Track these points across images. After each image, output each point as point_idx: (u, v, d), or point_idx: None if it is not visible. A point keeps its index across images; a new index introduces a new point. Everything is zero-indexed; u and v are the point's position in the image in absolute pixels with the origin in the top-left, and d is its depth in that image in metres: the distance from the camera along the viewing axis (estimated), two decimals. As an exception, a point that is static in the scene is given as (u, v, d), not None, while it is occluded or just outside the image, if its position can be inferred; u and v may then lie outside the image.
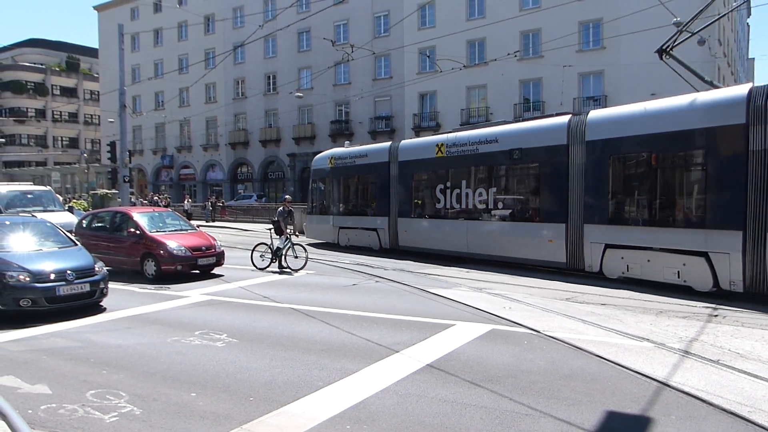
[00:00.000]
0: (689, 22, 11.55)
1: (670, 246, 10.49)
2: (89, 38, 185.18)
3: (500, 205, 14.02)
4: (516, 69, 33.51)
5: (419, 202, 16.47)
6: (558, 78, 32.34)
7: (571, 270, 12.45)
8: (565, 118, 12.66)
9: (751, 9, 55.06)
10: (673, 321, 8.02)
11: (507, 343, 7.06)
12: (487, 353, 6.64)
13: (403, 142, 17.76)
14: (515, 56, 27.33)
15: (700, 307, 9.01)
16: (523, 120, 15.70)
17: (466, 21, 36.15)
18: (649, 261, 10.87)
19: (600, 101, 32.54)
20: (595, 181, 11.67)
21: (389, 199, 17.19)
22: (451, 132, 16.20)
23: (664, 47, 11.80)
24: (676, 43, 11.62)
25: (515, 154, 13.49)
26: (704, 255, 9.92)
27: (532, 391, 5.33)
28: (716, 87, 10.95)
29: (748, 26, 65.83)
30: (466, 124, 34.37)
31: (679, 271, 10.40)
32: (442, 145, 15.44)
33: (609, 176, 11.50)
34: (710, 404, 4.93)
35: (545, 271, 13.10)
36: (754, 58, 69.87)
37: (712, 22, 13.42)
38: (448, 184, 15.23)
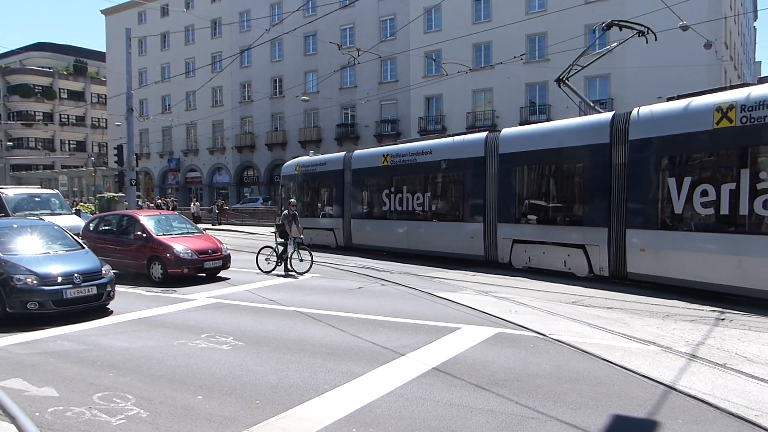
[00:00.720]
0: (580, 56, 14.52)
1: (559, 240, 12.86)
2: (97, 42, 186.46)
3: (434, 207, 16.25)
4: (522, 72, 33.52)
5: (369, 205, 18.51)
6: (564, 81, 32.24)
7: (488, 262, 14.54)
8: (483, 135, 14.89)
9: (758, 12, 54.90)
10: (680, 324, 7.99)
11: (513, 346, 7.05)
12: (493, 356, 6.63)
13: (356, 152, 19.57)
14: (521, 60, 27.36)
15: (706, 310, 8.97)
16: (479, 129, 18.36)
17: (472, 24, 36.18)
18: (544, 253, 13.23)
19: (606, 104, 32.48)
20: (506, 187, 13.94)
21: (344, 202, 19.31)
22: (399, 143, 18.84)
23: (560, 77, 14.16)
24: (570, 74, 14.11)
25: (444, 164, 15.70)
26: (582, 247, 12.32)
27: (538, 395, 5.32)
28: (600, 111, 13.22)
29: (755, 29, 65.59)
30: (472, 128, 34.39)
31: (565, 261, 12.76)
32: (387, 155, 17.67)
33: (516, 183, 13.77)
34: (717, 408, 4.90)
35: (467, 264, 14.86)
36: (760, 62, 69.53)
37: (610, 49, 16.36)
38: (392, 190, 17.37)
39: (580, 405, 5.07)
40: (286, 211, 14.65)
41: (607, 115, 12.15)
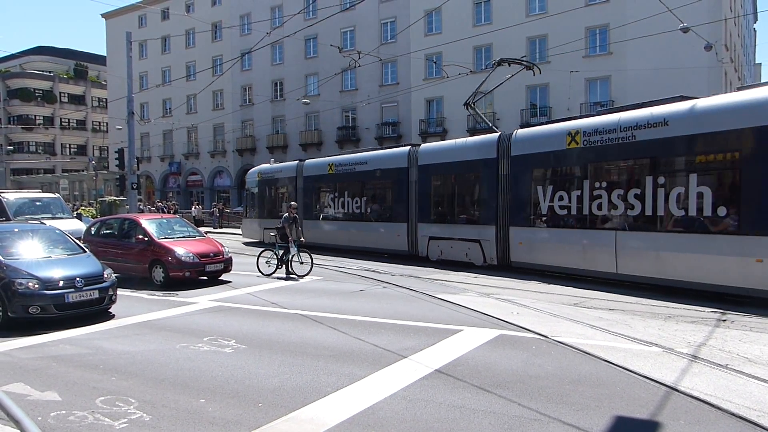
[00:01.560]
0: (480, 85, 16.89)
1: (462, 236, 15.51)
2: (97, 46, 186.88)
3: (369, 209, 18.71)
4: (522, 74, 33.37)
5: (317, 207, 21.09)
6: (565, 83, 32.33)
7: (411, 256, 16.94)
8: (406, 148, 17.47)
9: (758, 14, 54.93)
10: (682, 326, 7.99)
11: (515, 348, 7.05)
12: (496, 358, 6.63)
13: (306, 161, 22.47)
14: (521, 62, 27.31)
15: (708, 311, 8.97)
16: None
17: (472, 27, 36.23)
18: (452, 247, 15.82)
19: (607, 107, 32.51)
20: (424, 193, 16.57)
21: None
22: (342, 154, 21.94)
23: (467, 102, 16.54)
24: (476, 99, 16.67)
25: (378, 173, 18.33)
26: (478, 242, 15.01)
27: (540, 396, 5.32)
28: (495, 130, 15.80)
29: (755, 31, 65.63)
30: (473, 130, 34.41)
31: (466, 253, 15.35)
32: (332, 164, 20.28)
33: (431, 190, 16.45)
34: (719, 409, 4.91)
35: (396, 258, 16.49)
36: (761, 63, 69.56)
37: (501, 83, 17.51)
38: (337, 194, 20.00)
39: (583, 406, 5.07)
40: (286, 214, 14.66)
41: (495, 135, 14.96)
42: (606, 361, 6.34)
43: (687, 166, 10.49)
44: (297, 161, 23.00)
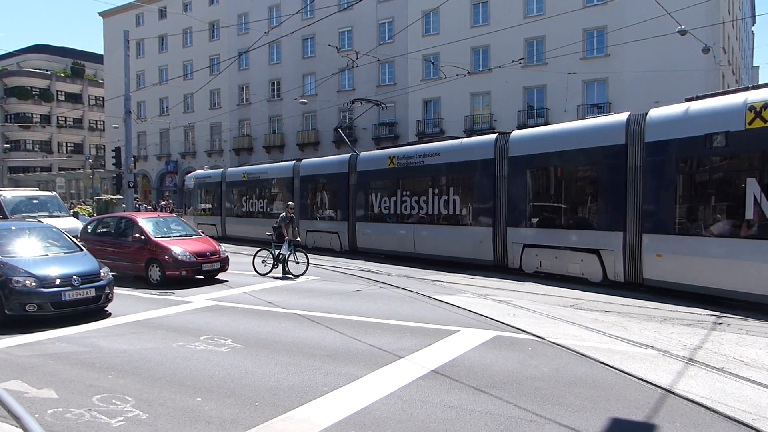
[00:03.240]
0: (347, 118, 19.69)
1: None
2: (94, 44, 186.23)
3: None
4: (520, 76, 33.58)
5: (237, 207, 25.08)
6: (562, 85, 32.41)
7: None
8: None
9: (756, 17, 55.18)
10: (678, 328, 8.02)
11: (511, 349, 7.07)
12: (492, 359, 6.65)
13: (230, 169, 26.99)
14: (519, 63, 27.42)
15: (704, 314, 9.00)
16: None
17: (470, 28, 36.28)
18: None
19: (604, 108, 32.57)
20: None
21: (221, 205, 26.23)
22: (252, 164, 25.42)
23: (337, 126, 19.06)
24: (344, 125, 18.71)
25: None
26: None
27: (536, 398, 5.34)
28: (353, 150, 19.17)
29: (753, 34, 65.89)
30: (471, 131, 34.46)
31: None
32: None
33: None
34: (715, 412, 4.93)
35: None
36: (758, 66, 69.84)
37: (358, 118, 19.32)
38: (249, 197, 24.39)
39: (578, 408, 5.09)
40: (283, 214, 14.67)
41: (344, 157, 19.03)
42: (602, 363, 6.36)
43: (448, 181, 15.66)
44: (222, 169, 27.45)
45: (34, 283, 8.61)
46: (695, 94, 10.83)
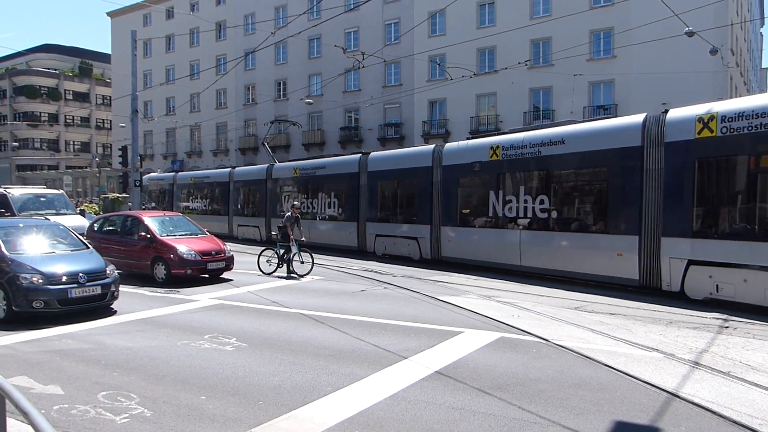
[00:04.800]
0: (269, 129, 25.08)
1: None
2: (102, 44, 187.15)
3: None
4: (526, 77, 33.52)
5: (189, 206, 27.93)
6: (568, 87, 32.34)
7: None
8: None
9: (765, 19, 54.85)
10: (683, 332, 7.98)
11: (516, 351, 7.05)
12: (496, 361, 6.64)
13: (180, 173, 30.89)
14: (525, 65, 27.37)
15: (710, 318, 8.96)
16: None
17: (476, 29, 36.24)
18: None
19: (610, 110, 32.49)
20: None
21: (173, 204, 29.13)
22: (197, 170, 29.66)
23: (263, 141, 20.88)
24: (269, 141, 21.56)
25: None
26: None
27: (540, 400, 5.33)
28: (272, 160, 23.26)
29: (762, 36, 65.50)
30: (476, 132, 34.40)
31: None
32: (192, 178, 26.33)
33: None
34: (720, 416, 4.90)
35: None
36: (767, 68, 69.41)
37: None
38: (193, 198, 28.16)
39: (583, 410, 5.08)
40: (288, 213, 14.69)
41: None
42: (607, 365, 6.33)
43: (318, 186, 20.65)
44: (173, 172, 30.53)
45: (41, 280, 8.66)
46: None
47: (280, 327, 8.47)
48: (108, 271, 9.56)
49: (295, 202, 15.88)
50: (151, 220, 13.66)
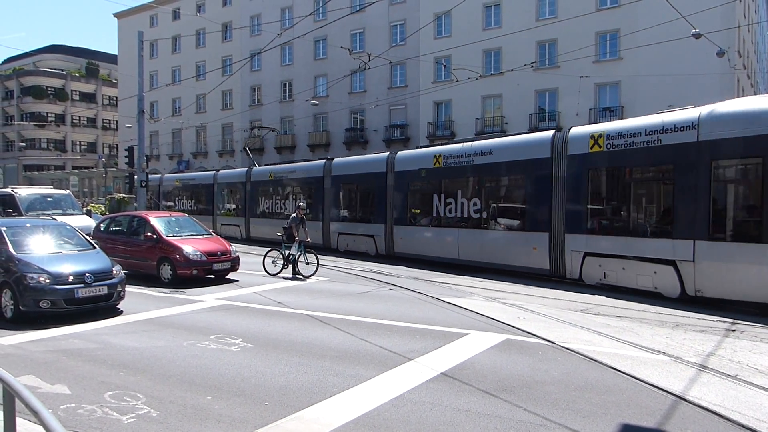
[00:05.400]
0: (248, 141, 27.84)
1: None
2: (109, 45, 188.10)
3: (197, 207, 26.37)
4: (532, 79, 33.47)
5: (173, 205, 29.03)
6: (574, 88, 32.26)
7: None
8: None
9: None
10: (690, 335, 7.94)
11: (521, 353, 7.04)
12: (502, 363, 6.62)
13: (167, 174, 33.02)
14: (531, 66, 27.32)
15: (716, 321, 8.91)
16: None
17: (482, 31, 36.21)
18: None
19: (616, 112, 32.39)
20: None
21: (159, 203, 29.79)
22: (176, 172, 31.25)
23: (244, 146, 21.69)
24: (249, 147, 24.55)
25: (190, 187, 25.50)
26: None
27: (546, 402, 5.31)
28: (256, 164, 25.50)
29: (768, 38, 65.03)
30: (481, 133, 34.39)
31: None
32: (178, 180, 28.04)
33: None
34: (728, 419, 4.88)
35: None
36: (773, 70, 68.95)
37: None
38: (182, 198, 29.22)
39: (589, 413, 5.06)
40: (294, 214, 14.72)
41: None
42: (613, 368, 6.31)
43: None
44: (159, 175, 32.38)
45: (48, 280, 8.70)
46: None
47: (286, 328, 8.48)
48: (114, 272, 9.59)
49: (301, 204, 15.90)
50: (157, 221, 13.70)
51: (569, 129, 12.87)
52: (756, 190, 9.70)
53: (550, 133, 13.36)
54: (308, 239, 14.59)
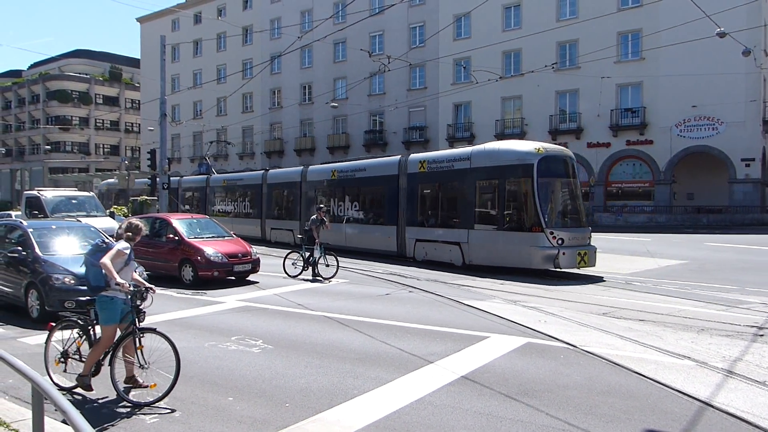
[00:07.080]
0: (210, 150, 31.70)
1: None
2: (132, 49, 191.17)
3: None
4: (552, 80, 33.23)
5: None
6: (595, 89, 31.94)
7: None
8: (260, 172, 26.47)
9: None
10: (716, 339, 7.78)
11: (543, 357, 6.97)
12: (523, 366, 6.56)
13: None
14: (552, 67, 27.12)
15: (744, 325, 8.72)
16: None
17: (502, 32, 36.04)
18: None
19: (639, 113, 31.98)
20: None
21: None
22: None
23: (204, 155, 23.86)
24: (208, 155, 31.70)
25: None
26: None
27: (568, 407, 5.25)
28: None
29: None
30: (501, 135, 34.18)
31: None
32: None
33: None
34: (757, 427, 4.77)
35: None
36: (801, 70, 67.33)
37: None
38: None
39: (612, 418, 4.99)
40: (314, 216, 14.77)
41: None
42: (636, 373, 6.21)
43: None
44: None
45: (73, 281, 8.85)
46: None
47: (306, 330, 8.50)
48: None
49: (321, 205, 16.02)
50: (179, 223, 13.86)
51: (408, 155, 18.45)
52: (494, 198, 15.16)
53: (398, 157, 18.85)
54: (328, 241, 14.60)
